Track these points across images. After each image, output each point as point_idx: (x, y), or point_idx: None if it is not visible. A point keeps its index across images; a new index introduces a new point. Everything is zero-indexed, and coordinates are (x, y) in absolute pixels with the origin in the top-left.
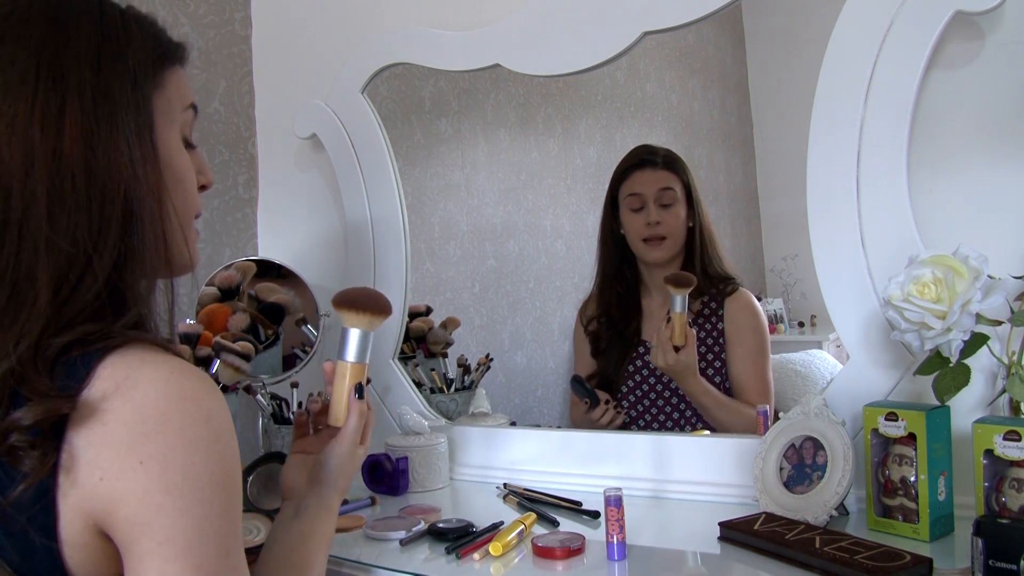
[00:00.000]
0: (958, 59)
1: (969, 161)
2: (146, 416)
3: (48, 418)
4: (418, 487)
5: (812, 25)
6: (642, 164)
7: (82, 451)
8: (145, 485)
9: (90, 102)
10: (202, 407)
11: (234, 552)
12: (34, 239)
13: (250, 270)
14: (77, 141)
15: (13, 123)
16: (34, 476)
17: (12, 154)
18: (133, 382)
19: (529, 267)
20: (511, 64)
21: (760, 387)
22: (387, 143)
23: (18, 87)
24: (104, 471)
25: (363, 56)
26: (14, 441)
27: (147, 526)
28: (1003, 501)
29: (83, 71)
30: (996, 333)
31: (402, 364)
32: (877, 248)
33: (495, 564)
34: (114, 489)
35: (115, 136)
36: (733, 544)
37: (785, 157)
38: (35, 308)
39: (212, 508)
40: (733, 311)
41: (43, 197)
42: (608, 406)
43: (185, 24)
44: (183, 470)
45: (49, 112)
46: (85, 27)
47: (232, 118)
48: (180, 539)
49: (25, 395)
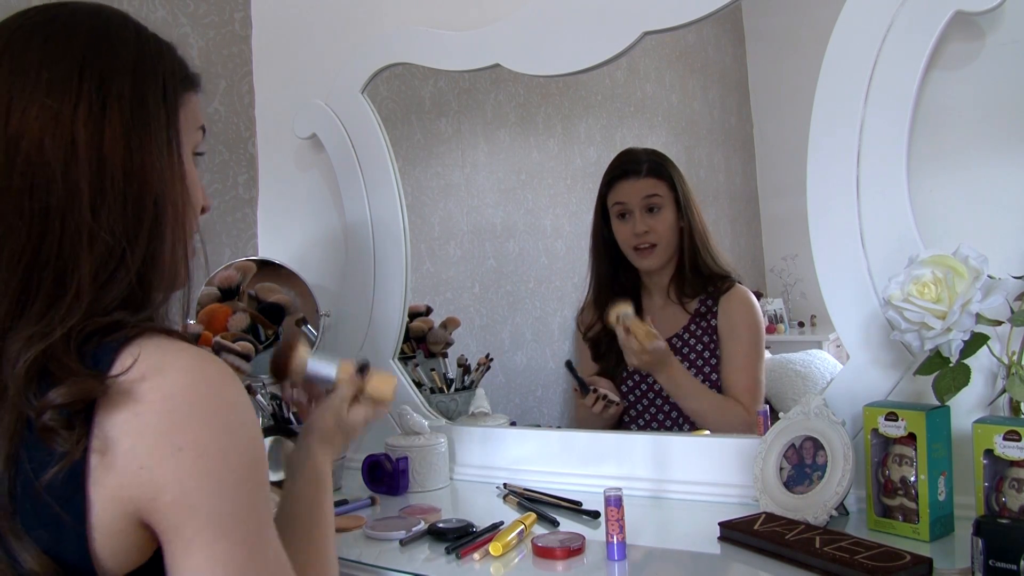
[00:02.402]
0: (958, 59)
1: (969, 161)
2: (177, 404)
3: (82, 399)
4: (418, 487)
5: (812, 25)
6: (625, 174)
7: (118, 438)
8: (186, 471)
9: (128, 109)
10: (228, 391)
11: (268, 524)
12: (78, 229)
13: (250, 270)
14: (118, 143)
15: (58, 117)
16: (68, 458)
17: (55, 145)
18: (160, 369)
19: (529, 267)
20: (511, 64)
21: (748, 383)
22: (387, 143)
23: (63, 84)
24: (143, 460)
25: (363, 56)
26: (48, 420)
27: (190, 510)
28: (1003, 501)
29: (124, 80)
30: (996, 333)
31: (402, 364)
32: (877, 248)
33: (495, 564)
34: (155, 477)
35: (149, 143)
36: (733, 544)
37: (785, 157)
38: (79, 294)
39: (248, 486)
40: (727, 308)
41: (86, 190)
42: (597, 395)
43: (185, 24)
44: (219, 454)
45: (93, 112)
46: (127, 39)
47: (232, 118)
48: (223, 519)
49: (56, 374)
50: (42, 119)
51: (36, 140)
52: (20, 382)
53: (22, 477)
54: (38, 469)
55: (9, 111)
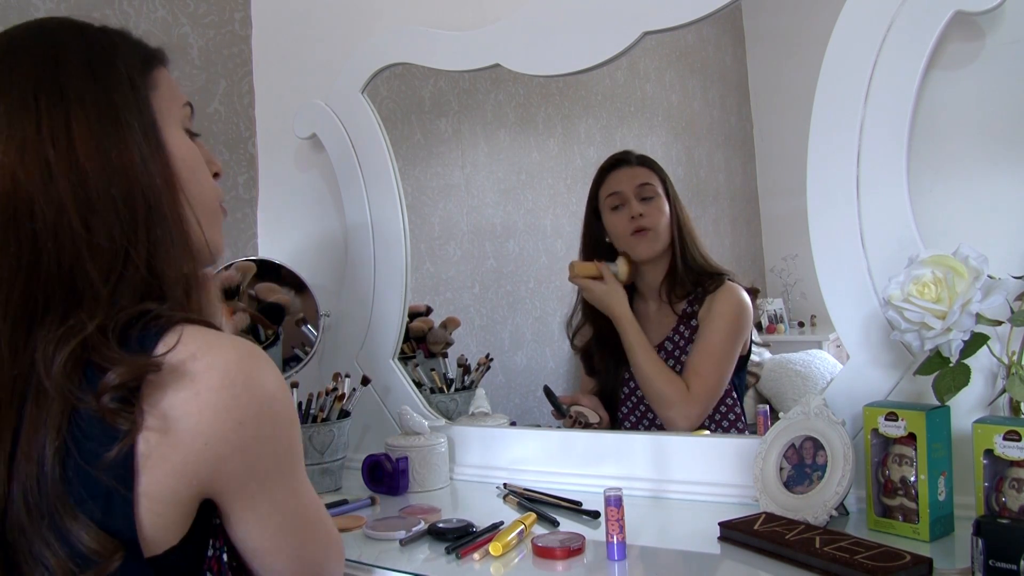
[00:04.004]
0: (958, 59)
1: (969, 161)
2: (233, 380)
3: (136, 377)
4: (418, 487)
5: (812, 25)
6: (617, 164)
7: (180, 417)
8: (246, 442)
9: (94, 111)
10: (266, 364)
11: (303, 467)
12: (74, 243)
13: (250, 270)
14: (90, 149)
15: (24, 145)
16: (131, 435)
17: (29, 173)
18: (209, 348)
19: (529, 267)
20: (511, 64)
21: (703, 368)
22: (387, 143)
23: (20, 111)
24: (208, 436)
25: (363, 56)
26: (107, 402)
27: (251, 472)
28: (1003, 501)
29: (81, 83)
30: (996, 333)
31: (402, 364)
32: (877, 248)
33: (495, 564)
34: (219, 451)
35: (124, 138)
36: (733, 544)
37: (785, 157)
38: (96, 297)
39: (293, 440)
40: (711, 302)
41: (71, 206)
42: (573, 419)
43: (185, 24)
44: (272, 421)
45: (57, 128)
46: (71, 44)
47: (232, 118)
48: (280, 473)
49: (102, 363)
50: (9, 152)
51: (8, 174)
52: (60, 379)
53: (72, 464)
54: (92, 454)
55: None
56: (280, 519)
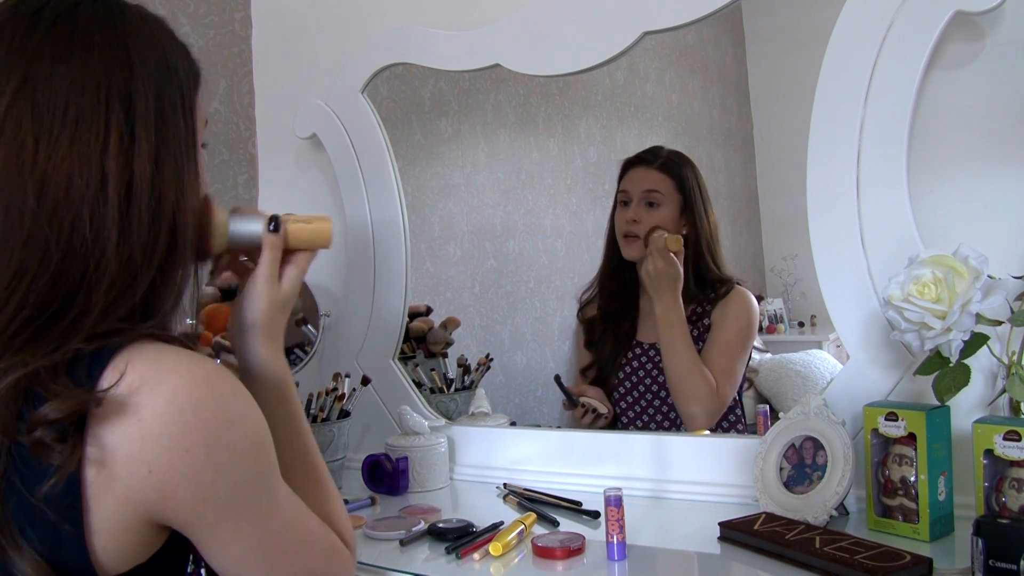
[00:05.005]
0: (958, 59)
1: (969, 161)
2: (181, 406)
3: (76, 412)
4: (418, 487)
5: (812, 25)
6: (638, 162)
7: (119, 446)
8: (195, 468)
9: (153, 130)
10: (225, 386)
11: (279, 484)
12: (98, 268)
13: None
14: (146, 171)
15: (86, 153)
16: (64, 470)
17: (86, 183)
18: (157, 374)
19: (529, 267)
20: (511, 64)
21: (724, 366)
22: (387, 143)
23: (90, 117)
24: (151, 464)
25: (363, 56)
26: (40, 435)
27: (205, 501)
28: (1003, 501)
29: (147, 96)
30: (996, 333)
31: (402, 364)
32: (877, 248)
33: (495, 564)
34: (165, 479)
35: (172, 162)
36: (733, 544)
37: (785, 157)
38: (84, 320)
39: (257, 468)
40: (722, 306)
41: (113, 231)
42: (586, 409)
43: (185, 24)
44: (227, 448)
45: (123, 144)
46: (145, 51)
47: (232, 118)
48: (240, 501)
49: (42, 394)
50: (70, 159)
51: (64, 180)
52: (2, 407)
53: (15, 493)
54: (32, 484)
55: (36, 151)
56: (243, 547)
